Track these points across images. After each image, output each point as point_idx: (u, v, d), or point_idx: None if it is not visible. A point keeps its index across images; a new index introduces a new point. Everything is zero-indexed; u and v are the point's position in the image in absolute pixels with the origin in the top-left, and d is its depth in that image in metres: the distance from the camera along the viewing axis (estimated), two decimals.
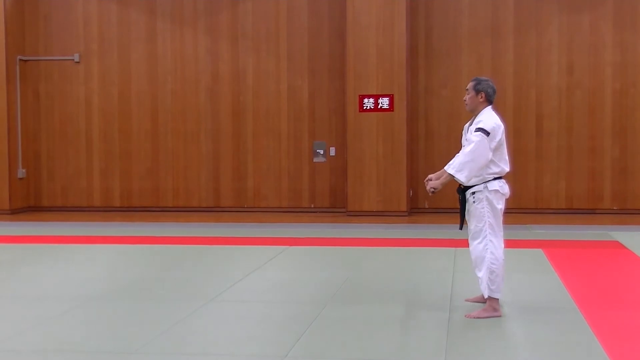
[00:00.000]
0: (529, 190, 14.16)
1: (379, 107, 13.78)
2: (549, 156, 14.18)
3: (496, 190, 6.22)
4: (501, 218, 6.27)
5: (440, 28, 14.44)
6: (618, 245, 10.09)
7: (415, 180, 14.44)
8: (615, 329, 5.82)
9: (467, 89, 6.56)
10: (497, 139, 6.22)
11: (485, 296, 6.24)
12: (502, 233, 6.26)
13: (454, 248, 9.60)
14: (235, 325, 6.10)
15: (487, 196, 6.21)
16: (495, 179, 6.25)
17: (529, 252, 9.41)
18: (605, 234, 11.17)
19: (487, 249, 6.17)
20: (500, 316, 6.20)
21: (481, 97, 6.51)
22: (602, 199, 14.09)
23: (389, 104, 13.76)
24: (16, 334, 5.77)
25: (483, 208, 6.20)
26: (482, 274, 6.20)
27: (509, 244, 9.48)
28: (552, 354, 5.18)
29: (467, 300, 6.74)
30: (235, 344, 5.51)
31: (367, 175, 13.89)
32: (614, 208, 14.04)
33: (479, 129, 6.22)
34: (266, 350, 5.36)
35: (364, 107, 13.83)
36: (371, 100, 13.80)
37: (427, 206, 14.48)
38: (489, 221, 6.19)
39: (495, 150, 6.23)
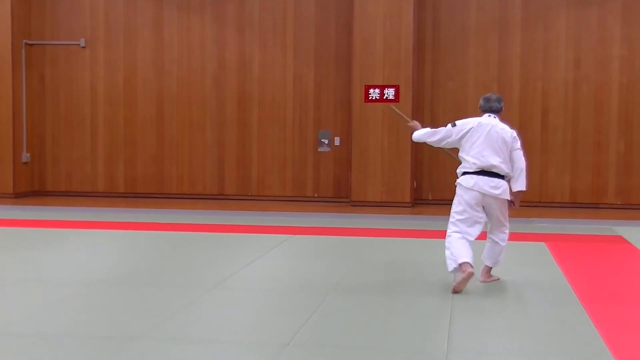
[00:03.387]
0: (533, 183, 14.11)
1: (384, 97, 13.77)
2: (554, 150, 14.16)
3: (459, 183, 7.02)
4: (466, 209, 6.94)
5: (448, 20, 14.40)
6: (621, 240, 10.09)
7: (419, 172, 14.45)
8: (617, 323, 5.82)
9: None
10: (462, 131, 6.99)
11: (450, 270, 6.93)
12: (458, 222, 6.97)
13: None
14: (238, 312, 6.11)
15: (457, 189, 7.04)
16: (463, 174, 6.99)
17: (532, 246, 9.42)
18: (608, 228, 11.17)
19: (448, 234, 7.03)
20: (471, 273, 6.75)
21: (479, 111, 7.27)
22: (607, 194, 14.08)
23: (394, 95, 13.74)
24: (19, 318, 5.79)
25: (455, 198, 7.06)
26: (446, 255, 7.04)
27: (512, 236, 9.49)
28: (554, 346, 5.19)
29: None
30: (238, 331, 5.52)
31: (372, 166, 13.89)
32: (618, 203, 14.03)
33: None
34: (269, 337, 5.36)
35: (370, 98, 13.81)
36: (377, 90, 13.79)
37: (430, 198, 14.48)
38: (452, 210, 7.05)
39: (464, 147, 7.01)
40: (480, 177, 6.87)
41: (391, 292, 6.83)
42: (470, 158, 6.91)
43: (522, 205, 7.48)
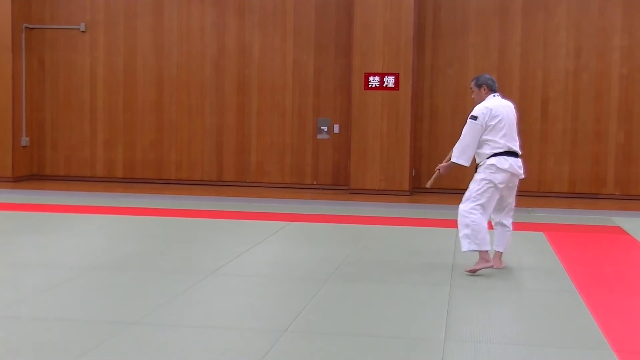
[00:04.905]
0: (532, 173, 14.11)
1: (384, 85, 13.74)
2: (553, 139, 14.15)
3: (492, 164, 6.93)
4: (494, 191, 6.99)
5: (448, 7, 14.35)
6: (619, 230, 10.09)
7: (418, 160, 14.44)
8: (614, 313, 5.84)
9: (471, 89, 7.33)
10: (489, 121, 6.95)
11: (467, 249, 6.98)
12: (483, 201, 6.97)
13: (455, 229, 9.57)
14: (235, 299, 6.11)
15: (484, 170, 6.98)
16: (493, 155, 6.94)
17: (530, 235, 9.41)
18: (607, 219, 11.17)
19: (470, 211, 6.93)
20: (492, 266, 7.06)
21: (484, 90, 7.19)
22: (605, 184, 14.07)
23: (394, 83, 13.71)
24: (17, 301, 5.79)
25: (482, 174, 6.98)
26: (462, 233, 7.00)
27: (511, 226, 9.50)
28: (551, 335, 5.20)
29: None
30: (235, 318, 5.52)
31: (370, 154, 13.87)
32: (617, 194, 14.02)
33: (470, 117, 7.04)
34: (266, 324, 5.37)
35: (370, 85, 13.79)
36: (376, 78, 13.76)
37: (429, 186, 14.44)
38: (481, 186, 6.95)
39: (490, 130, 6.95)
40: (512, 158, 7.00)
41: (389, 279, 6.84)
42: (500, 140, 6.95)
43: (520, 194, 7.62)
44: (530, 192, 13.99)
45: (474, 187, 7.00)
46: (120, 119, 15.27)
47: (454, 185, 12.84)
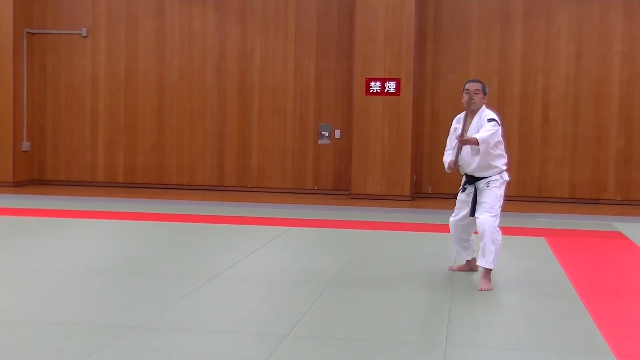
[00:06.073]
0: (532, 178, 14.15)
1: (385, 90, 13.75)
2: (554, 144, 14.15)
3: (505, 181, 6.96)
4: None
5: (450, 12, 14.37)
6: (620, 236, 10.09)
7: (419, 165, 14.44)
8: (615, 318, 5.83)
9: (476, 90, 6.95)
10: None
11: (488, 266, 6.72)
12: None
13: None
14: (237, 303, 6.12)
15: (500, 185, 6.89)
16: (504, 170, 6.99)
17: (531, 240, 9.42)
18: (607, 224, 11.17)
19: (494, 223, 6.74)
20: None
21: (485, 98, 7.06)
22: (606, 189, 14.07)
23: (395, 88, 13.73)
24: (18, 305, 5.80)
25: (497, 188, 6.85)
26: (483, 242, 6.71)
27: (512, 231, 9.53)
28: (552, 340, 5.20)
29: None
30: (236, 322, 5.52)
31: (372, 159, 13.88)
32: (617, 199, 14.02)
33: (493, 119, 6.82)
34: (268, 328, 5.38)
35: (371, 91, 13.80)
36: (378, 83, 13.77)
37: (430, 191, 14.48)
38: (500, 201, 6.85)
39: (500, 142, 6.91)
40: None
41: (390, 284, 6.84)
42: (505, 155, 7.02)
43: (521, 200, 7.67)
44: (530, 197, 14.01)
45: (496, 202, 6.79)
46: (122, 124, 15.28)
47: (455, 190, 12.81)
